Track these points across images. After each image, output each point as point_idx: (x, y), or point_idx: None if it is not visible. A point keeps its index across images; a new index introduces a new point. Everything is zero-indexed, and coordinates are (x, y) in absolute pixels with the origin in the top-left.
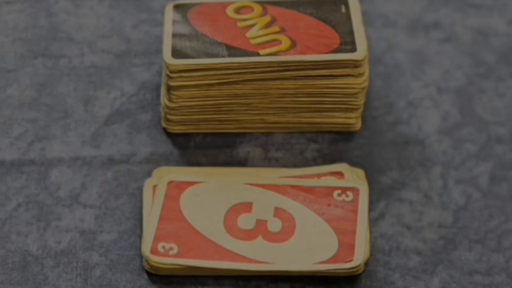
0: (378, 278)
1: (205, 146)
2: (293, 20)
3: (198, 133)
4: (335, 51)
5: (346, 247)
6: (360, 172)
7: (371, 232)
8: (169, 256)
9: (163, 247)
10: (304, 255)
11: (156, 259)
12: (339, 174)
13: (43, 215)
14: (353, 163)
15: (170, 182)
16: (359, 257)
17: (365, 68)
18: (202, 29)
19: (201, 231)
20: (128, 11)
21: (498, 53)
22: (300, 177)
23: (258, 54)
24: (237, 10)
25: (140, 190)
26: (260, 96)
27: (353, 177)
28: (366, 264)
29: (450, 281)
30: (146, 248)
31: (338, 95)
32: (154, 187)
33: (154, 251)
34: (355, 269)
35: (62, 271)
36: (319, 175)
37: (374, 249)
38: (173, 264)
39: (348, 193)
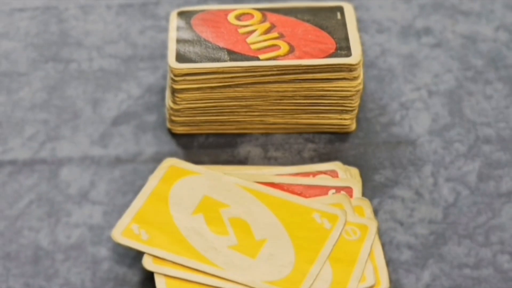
0: None
1: (208, 146)
2: (291, 27)
3: (201, 134)
4: (331, 55)
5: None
6: (354, 171)
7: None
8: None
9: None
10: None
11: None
12: (333, 173)
13: (54, 212)
14: (348, 162)
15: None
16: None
17: (360, 72)
18: (205, 35)
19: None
20: (134, 18)
21: (486, 57)
22: (296, 174)
23: (258, 59)
24: (238, 17)
25: None
26: (260, 98)
27: (347, 175)
28: None
29: (440, 274)
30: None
31: (334, 97)
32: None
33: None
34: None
35: (72, 264)
36: (314, 173)
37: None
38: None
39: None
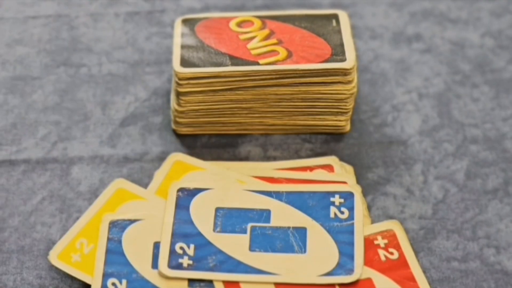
0: None
1: (210, 146)
2: (289, 33)
3: (204, 134)
4: (327, 60)
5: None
6: (349, 168)
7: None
8: None
9: None
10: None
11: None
12: (329, 167)
13: (65, 208)
14: (343, 161)
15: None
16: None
17: (354, 76)
18: (208, 41)
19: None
20: (141, 24)
21: (473, 62)
22: (294, 169)
23: (258, 64)
24: (239, 24)
25: None
26: (259, 101)
27: (342, 170)
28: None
29: (430, 267)
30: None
31: (329, 100)
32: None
33: None
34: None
35: None
36: (310, 168)
37: None
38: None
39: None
